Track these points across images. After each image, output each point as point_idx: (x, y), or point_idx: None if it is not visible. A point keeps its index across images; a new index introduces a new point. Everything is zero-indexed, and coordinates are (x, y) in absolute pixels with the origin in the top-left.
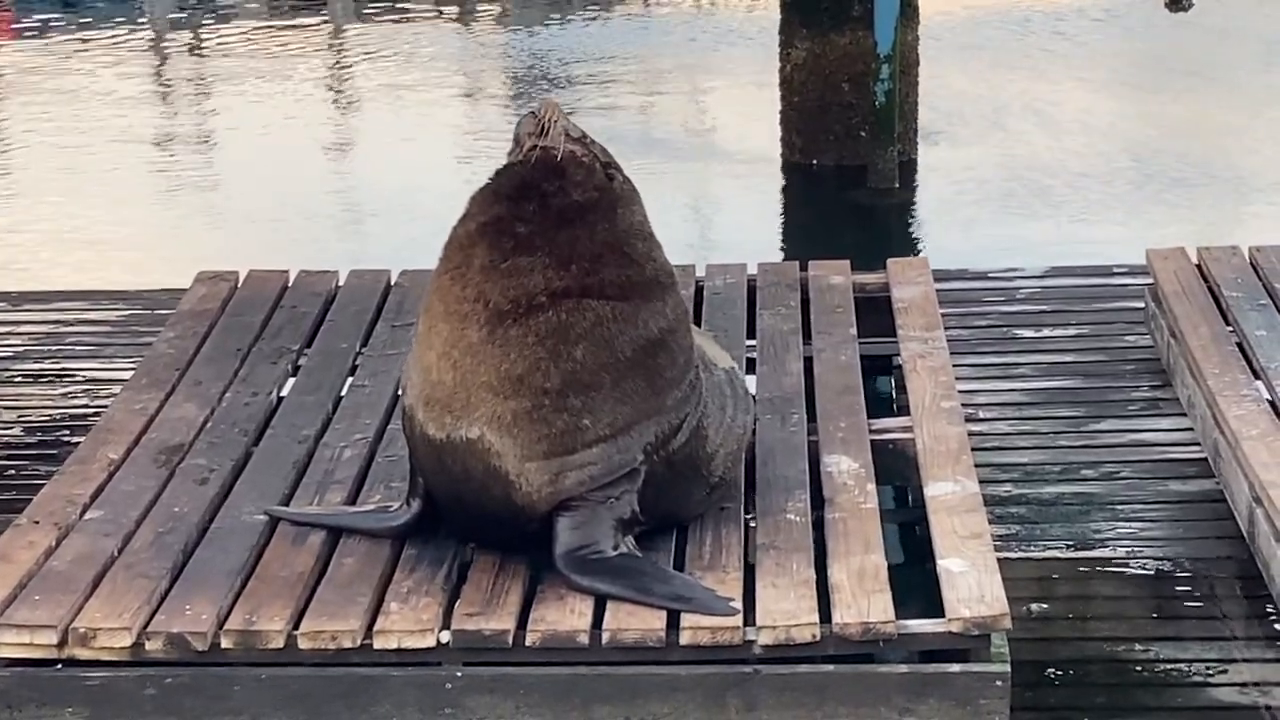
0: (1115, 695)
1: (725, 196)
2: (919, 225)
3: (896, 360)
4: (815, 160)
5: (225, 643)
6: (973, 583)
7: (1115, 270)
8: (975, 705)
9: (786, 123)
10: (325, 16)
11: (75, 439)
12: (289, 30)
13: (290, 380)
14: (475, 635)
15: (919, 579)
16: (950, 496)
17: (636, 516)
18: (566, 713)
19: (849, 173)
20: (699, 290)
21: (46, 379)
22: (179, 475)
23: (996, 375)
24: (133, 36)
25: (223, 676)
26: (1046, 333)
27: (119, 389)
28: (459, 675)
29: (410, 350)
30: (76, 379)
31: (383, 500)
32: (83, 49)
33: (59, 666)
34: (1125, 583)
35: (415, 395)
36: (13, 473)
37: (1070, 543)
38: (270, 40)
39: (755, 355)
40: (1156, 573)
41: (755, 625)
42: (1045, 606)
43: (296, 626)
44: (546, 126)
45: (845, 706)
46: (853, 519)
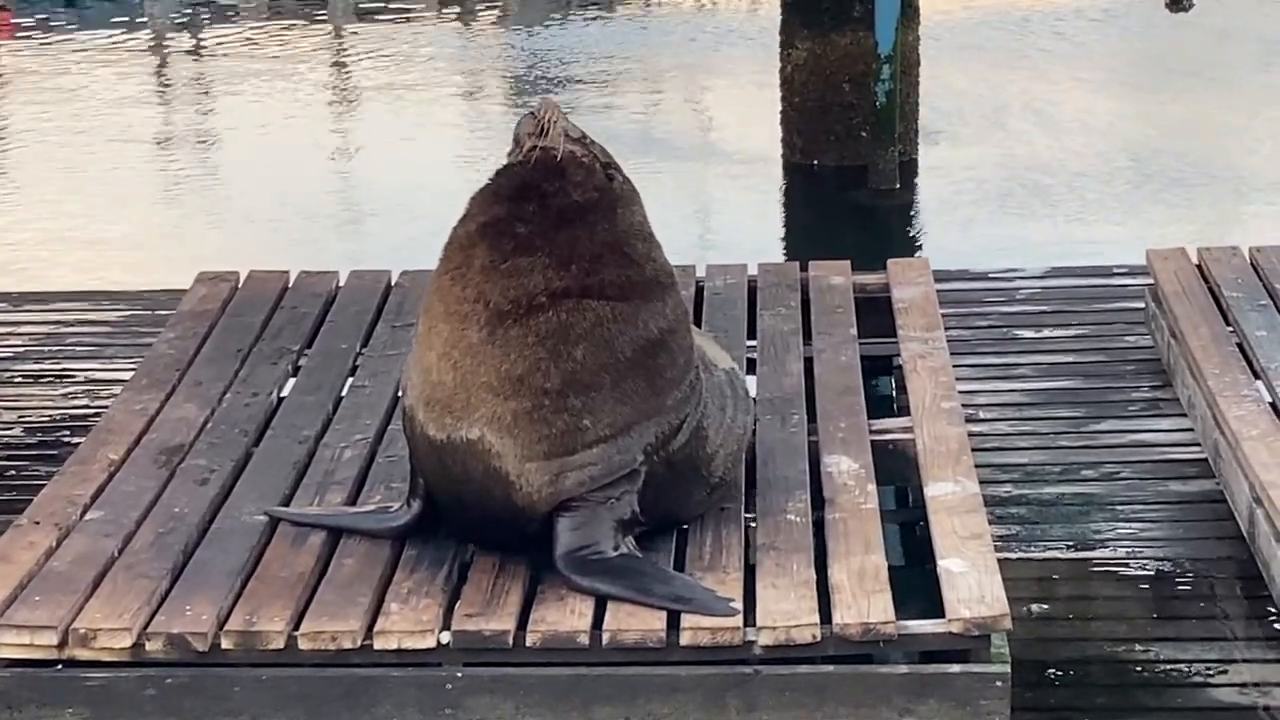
0: (1115, 696)
1: (726, 197)
2: (920, 226)
3: (897, 361)
4: (816, 160)
5: (225, 643)
6: (973, 583)
7: (1115, 271)
8: (975, 706)
9: (787, 123)
10: (325, 17)
11: (75, 439)
12: (289, 30)
13: (290, 381)
14: (475, 636)
15: (919, 579)
16: (950, 497)
17: (636, 517)
18: (567, 713)
19: (850, 173)
20: (699, 291)
21: (47, 379)
22: (179, 476)
23: (997, 376)
24: (133, 36)
25: (223, 677)
26: (1047, 333)
27: (119, 389)
28: (459, 676)
29: (410, 351)
30: (77, 379)
31: (383, 501)
32: (83, 48)
33: (59, 667)
34: (1125, 583)
35: (415, 396)
36: (13, 473)
37: (1070, 543)
38: (271, 40)
39: (755, 356)
40: (1157, 573)
41: (755, 626)
42: (1045, 607)
43: (297, 627)
44: (546, 127)
45: (845, 707)
46: (853, 519)
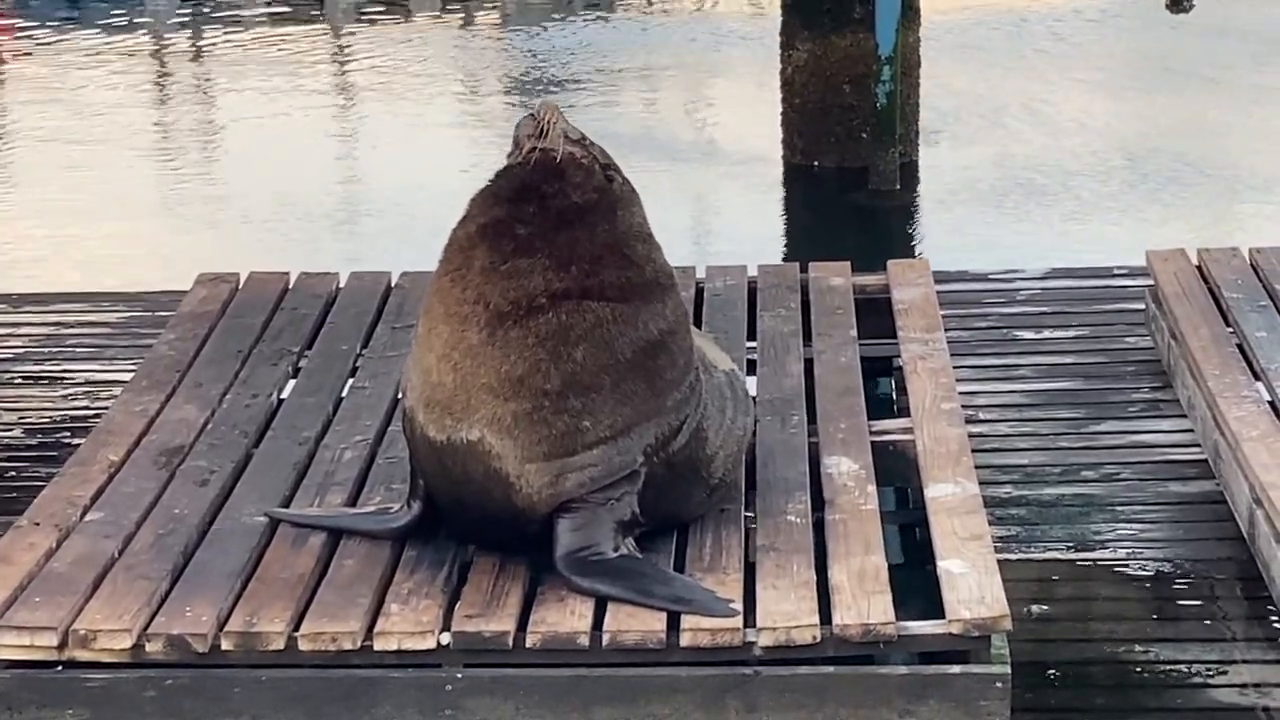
0: (1115, 696)
1: (726, 198)
2: (920, 227)
3: (897, 362)
4: (816, 162)
5: (226, 644)
6: (973, 584)
7: (1115, 272)
8: (975, 706)
9: (787, 124)
10: (325, 17)
11: (75, 441)
12: (289, 30)
13: (291, 382)
14: (475, 637)
15: (919, 580)
16: (950, 498)
17: (636, 518)
18: (566, 714)
19: (850, 174)
20: (699, 292)
21: (47, 381)
22: (179, 477)
23: (997, 377)
24: (133, 36)
25: (223, 678)
26: (1047, 334)
27: (119, 391)
28: (459, 677)
29: (410, 352)
30: (77, 381)
31: (383, 502)
32: (83, 48)
33: (59, 668)
34: (1125, 584)
35: (415, 397)
36: (13, 474)
37: (1070, 544)
38: (270, 40)
39: (755, 357)
40: (1157, 574)
41: (755, 627)
42: (1045, 608)
43: (297, 628)
44: (546, 128)
45: (845, 708)
46: (853, 520)
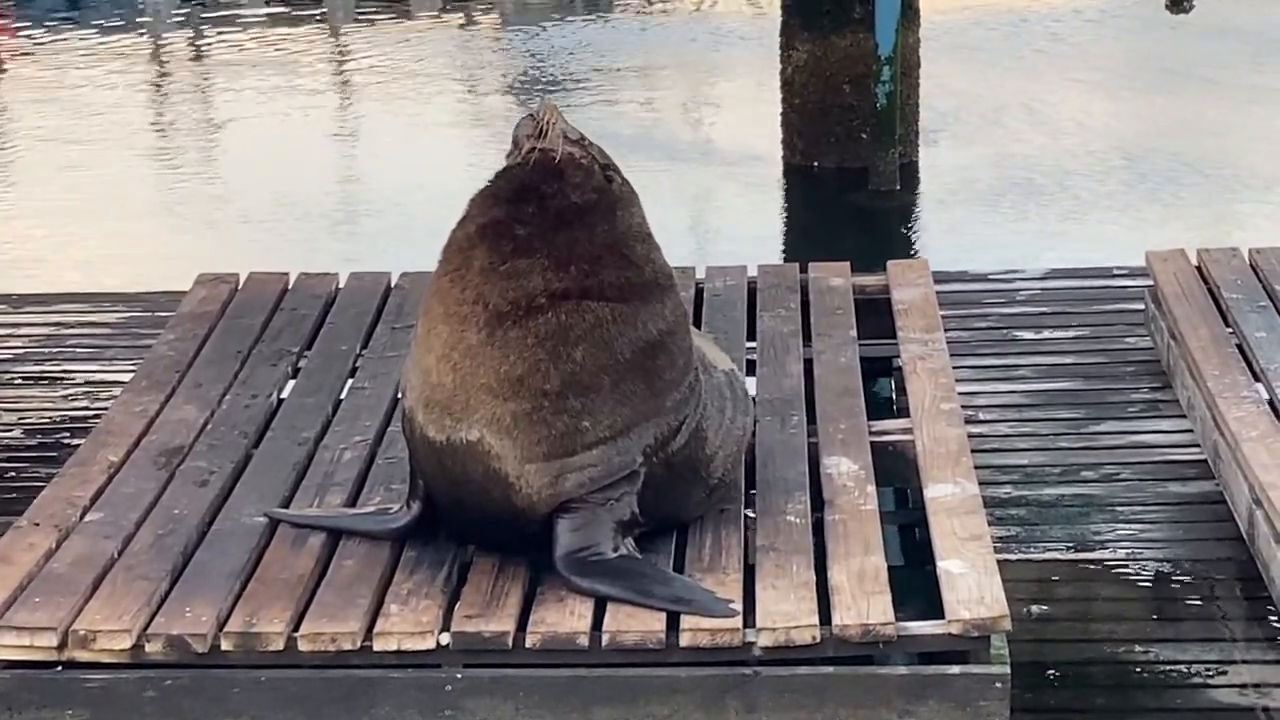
0: (1115, 697)
1: (726, 198)
2: (920, 227)
3: (896, 362)
4: (816, 162)
5: (225, 645)
6: (972, 584)
7: (1115, 272)
8: (975, 707)
9: (787, 125)
10: (324, 17)
11: (75, 441)
12: (289, 31)
13: (290, 382)
14: (475, 637)
15: (919, 581)
16: (950, 498)
17: (636, 518)
18: (566, 714)
19: (850, 175)
20: (699, 292)
21: (46, 381)
22: (179, 477)
23: (996, 377)
24: (132, 36)
25: (223, 679)
26: (1046, 334)
27: (119, 391)
28: (459, 677)
29: (410, 352)
30: (76, 381)
31: (383, 502)
32: (83, 48)
33: (59, 668)
34: (1125, 584)
35: (415, 397)
36: (13, 475)
37: (1070, 544)
38: (270, 41)
39: (755, 357)
40: (1156, 574)
41: (755, 627)
42: (1045, 608)
43: (296, 628)
44: (545, 128)
45: (845, 708)
46: (852, 521)
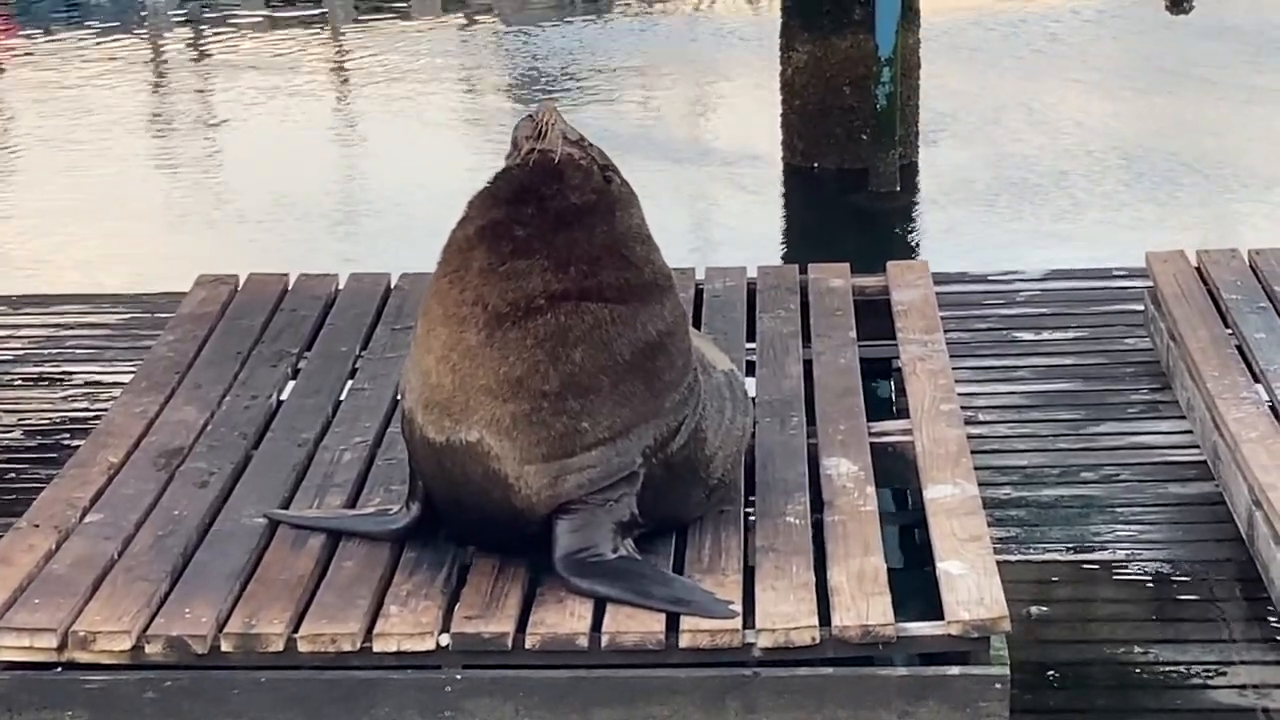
0: (1115, 697)
1: (725, 199)
2: (920, 228)
3: (896, 363)
4: (816, 163)
5: (225, 646)
6: (972, 585)
7: (1114, 273)
8: (974, 708)
9: (787, 126)
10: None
11: (75, 442)
12: (289, 31)
13: (290, 383)
14: (475, 638)
15: (918, 582)
16: (949, 499)
17: (635, 519)
18: (566, 715)
19: (850, 176)
20: (698, 293)
21: (46, 382)
22: (179, 478)
23: (996, 378)
24: (132, 36)
25: (222, 680)
26: (1046, 335)
27: (119, 392)
28: (459, 678)
29: (409, 354)
30: (76, 382)
31: (382, 503)
32: (83, 49)
33: (59, 669)
34: (1125, 585)
35: (414, 398)
36: (12, 476)
37: (1069, 545)
38: (271, 41)
39: (755, 358)
40: (1156, 575)
41: (754, 628)
42: (1045, 609)
43: (296, 629)
44: (544, 129)
45: (844, 709)
46: (852, 522)
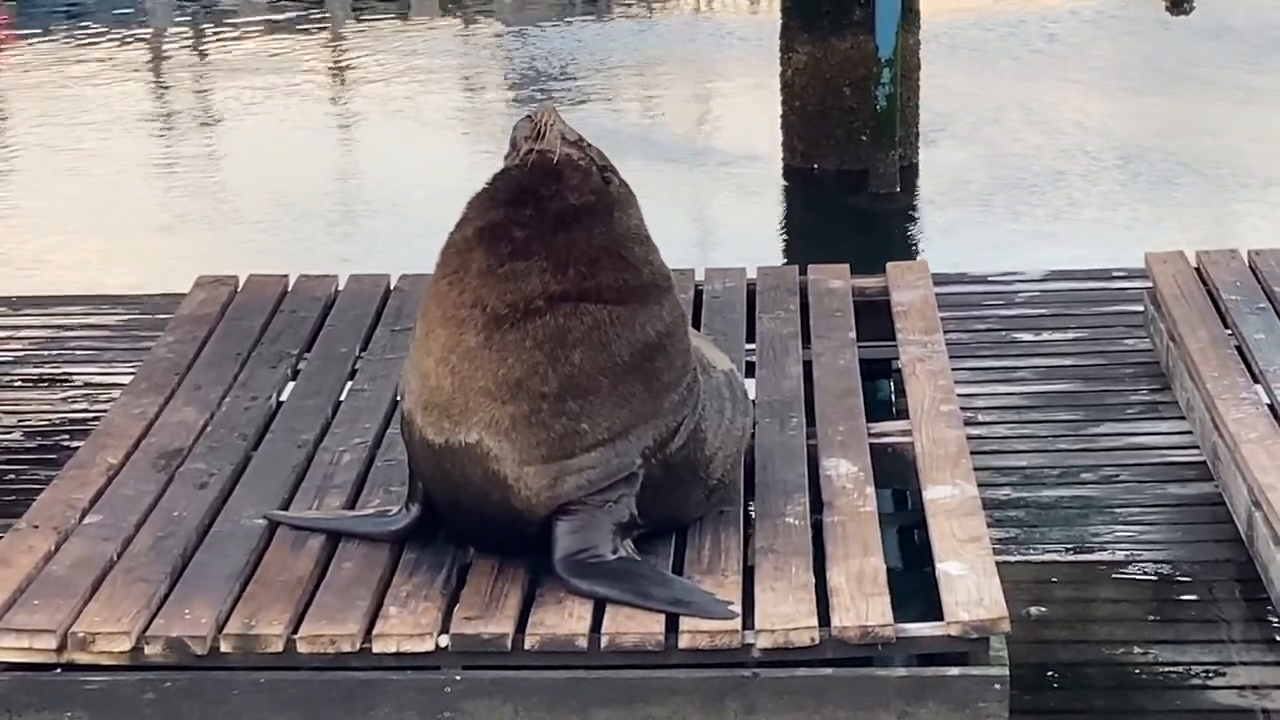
0: (1114, 698)
1: (725, 200)
2: (920, 229)
3: (896, 364)
4: (816, 164)
5: (224, 647)
6: (971, 586)
7: (1114, 274)
8: (974, 708)
9: (787, 127)
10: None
11: (75, 443)
12: (289, 32)
13: (290, 384)
14: (474, 639)
15: (918, 582)
16: (949, 500)
17: (635, 520)
18: (565, 716)
19: (850, 177)
20: (698, 294)
21: (46, 383)
22: (178, 479)
23: (996, 379)
24: (132, 38)
25: (222, 680)
26: (1046, 336)
27: (118, 393)
28: (458, 679)
29: (409, 355)
30: (76, 383)
31: (382, 504)
32: (82, 50)
33: (58, 671)
34: (1124, 586)
35: (414, 400)
36: (12, 477)
37: (1069, 546)
38: (271, 42)
39: (754, 359)
40: (1155, 576)
41: (754, 629)
42: (1044, 610)
43: (296, 630)
44: (543, 130)
45: (844, 710)
46: (851, 522)
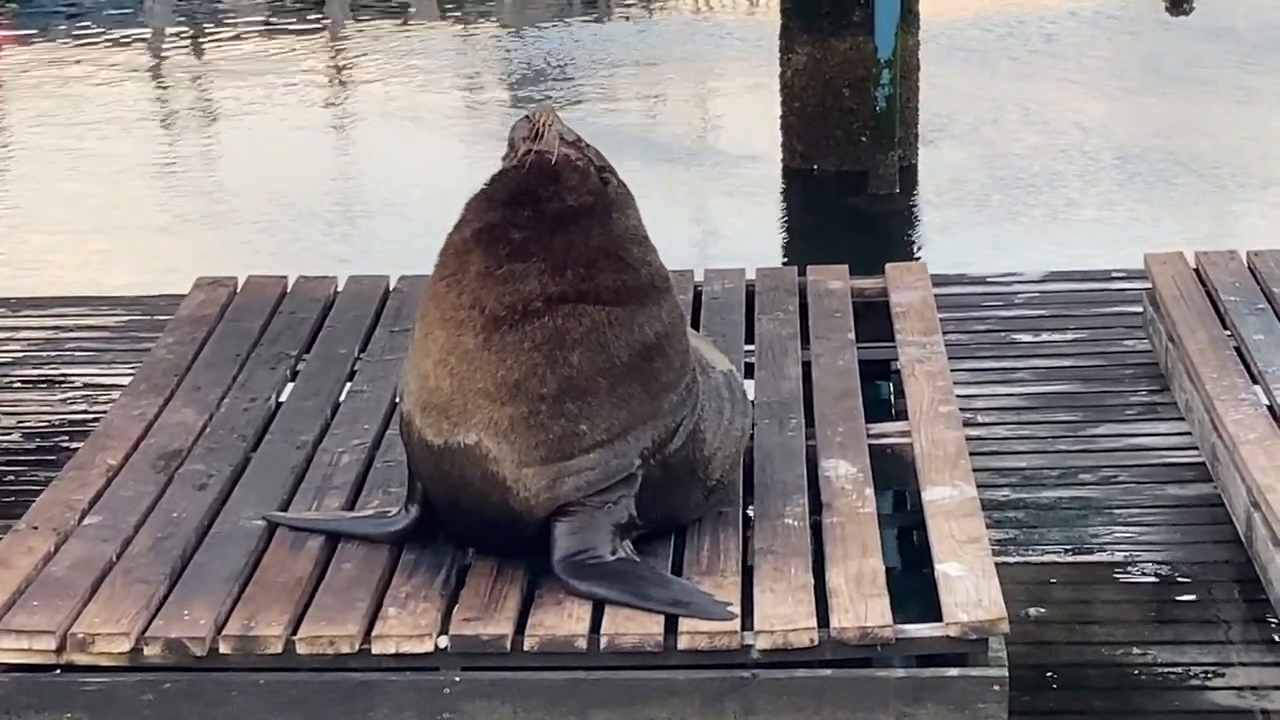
0: (1113, 699)
1: (725, 201)
2: (919, 230)
3: (895, 365)
4: (816, 165)
5: (224, 648)
6: (970, 587)
7: (1113, 275)
8: (973, 709)
9: (787, 128)
10: (323, 21)
11: (74, 444)
12: (289, 33)
13: (289, 385)
14: (473, 640)
15: (917, 584)
16: (948, 501)
17: (634, 521)
18: (564, 717)
19: (850, 178)
20: (697, 295)
21: (45, 385)
22: (177, 481)
23: (995, 380)
24: (132, 39)
25: (221, 682)
26: (1045, 337)
27: (118, 394)
28: (457, 680)
29: (407, 356)
30: (75, 385)
31: (381, 505)
32: (82, 51)
33: (57, 672)
34: (1123, 587)
35: (413, 401)
36: (11, 478)
37: (1068, 547)
38: (270, 43)
39: (753, 360)
40: (1154, 577)
41: (753, 630)
42: (1043, 611)
43: (295, 632)
44: (541, 130)
45: (843, 711)
46: (851, 524)
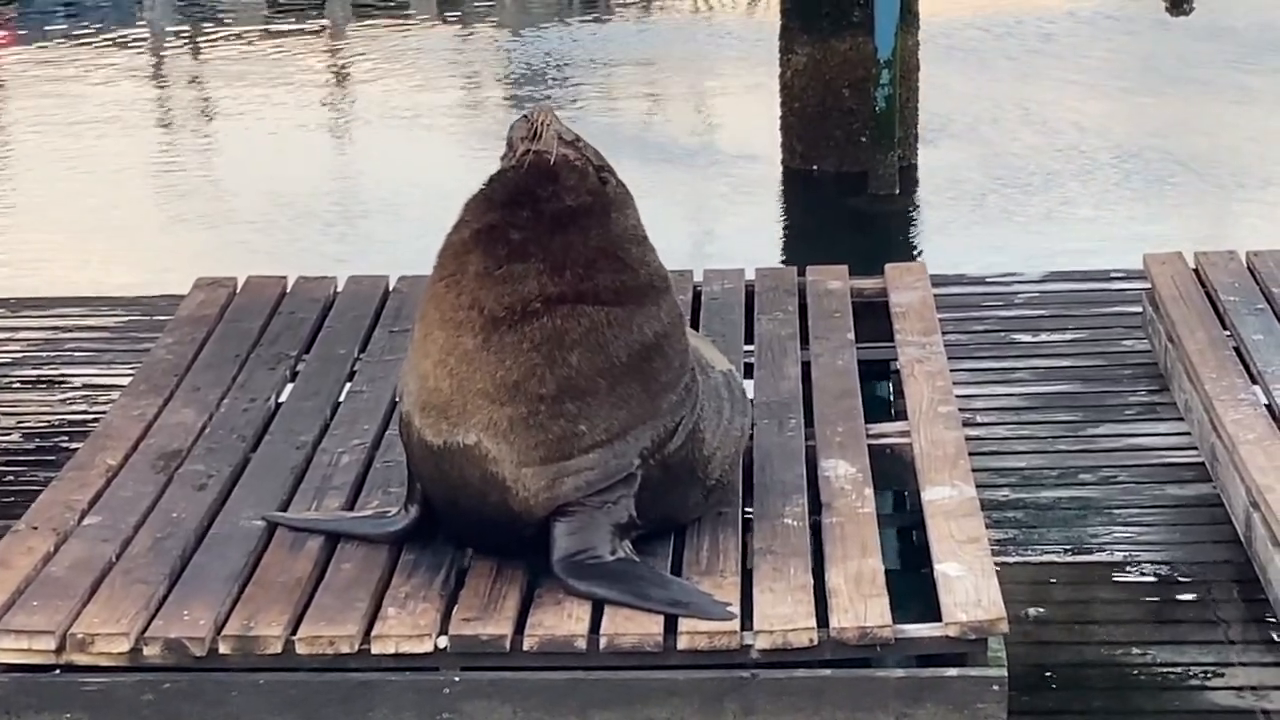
0: (1112, 699)
1: (725, 202)
2: (919, 231)
3: (894, 365)
4: (815, 166)
5: (223, 648)
6: (970, 587)
7: (1113, 275)
8: (972, 710)
9: (787, 128)
10: (323, 21)
11: (74, 445)
12: (289, 33)
13: (288, 386)
14: (473, 640)
15: (916, 584)
16: (948, 501)
17: (633, 521)
18: (564, 717)
19: (849, 178)
20: (697, 295)
21: (45, 385)
22: (177, 481)
23: (994, 380)
24: (131, 39)
25: (220, 682)
26: (1044, 337)
27: (117, 395)
28: (456, 680)
29: (407, 357)
30: (75, 385)
31: (381, 506)
32: (81, 52)
33: (57, 672)
34: (1122, 587)
35: (412, 402)
36: (11, 479)
37: (1067, 547)
38: (270, 43)
39: (753, 360)
40: (1154, 577)
41: (752, 630)
42: (1042, 611)
43: (294, 632)
44: (539, 130)
45: (842, 711)
46: (850, 524)
